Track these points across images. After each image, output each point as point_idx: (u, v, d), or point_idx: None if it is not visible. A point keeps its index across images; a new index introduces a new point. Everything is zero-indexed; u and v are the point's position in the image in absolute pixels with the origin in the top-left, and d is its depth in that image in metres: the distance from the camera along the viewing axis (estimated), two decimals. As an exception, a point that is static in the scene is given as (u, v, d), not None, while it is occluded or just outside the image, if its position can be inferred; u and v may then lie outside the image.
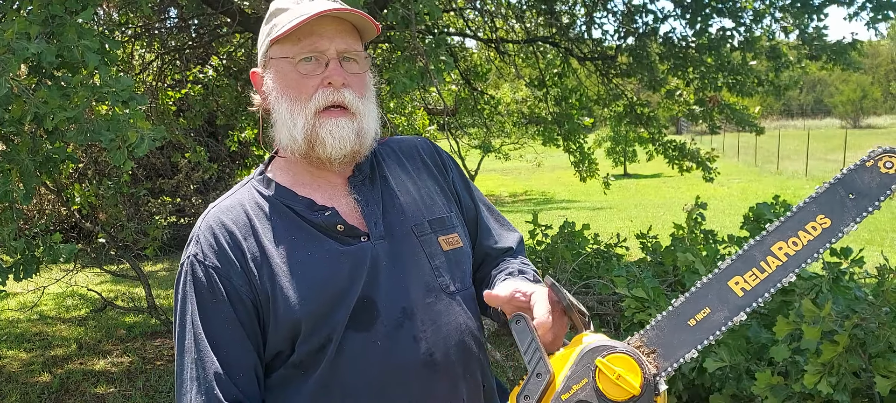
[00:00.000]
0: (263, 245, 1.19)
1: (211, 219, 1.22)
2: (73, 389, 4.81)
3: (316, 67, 1.20)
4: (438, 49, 3.55)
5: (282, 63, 1.21)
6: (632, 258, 5.16)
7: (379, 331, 1.18)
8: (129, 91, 2.52)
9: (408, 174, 1.34)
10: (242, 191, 1.27)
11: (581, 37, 7.32)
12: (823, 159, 20.81)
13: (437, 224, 1.30)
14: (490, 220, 1.44)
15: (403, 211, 1.28)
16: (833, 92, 53.37)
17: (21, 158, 2.64)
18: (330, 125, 1.19)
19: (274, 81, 1.23)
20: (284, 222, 1.21)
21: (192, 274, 1.18)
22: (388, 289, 1.20)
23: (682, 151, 7.33)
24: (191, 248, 1.21)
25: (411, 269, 1.23)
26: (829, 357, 2.19)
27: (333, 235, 1.21)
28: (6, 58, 2.27)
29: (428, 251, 1.26)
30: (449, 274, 1.27)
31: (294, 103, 1.20)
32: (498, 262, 1.39)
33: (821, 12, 5.97)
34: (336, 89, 1.19)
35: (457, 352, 1.24)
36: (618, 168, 23.15)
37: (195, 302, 1.17)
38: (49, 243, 2.98)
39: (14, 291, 7.64)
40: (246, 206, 1.23)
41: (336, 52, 1.20)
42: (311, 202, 1.23)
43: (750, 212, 3.35)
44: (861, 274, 3.10)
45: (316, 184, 1.26)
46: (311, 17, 1.17)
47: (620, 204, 14.95)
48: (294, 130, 1.20)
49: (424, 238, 1.27)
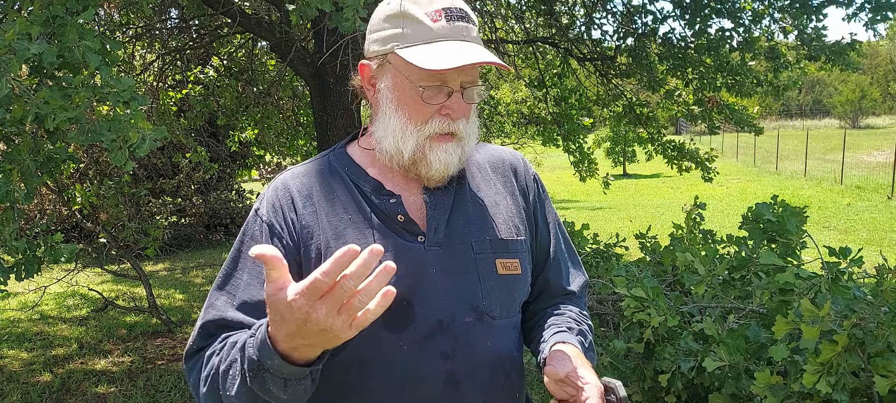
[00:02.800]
0: (320, 217, 1.21)
1: (279, 181, 1.27)
2: (74, 389, 4.82)
3: (437, 94, 1.18)
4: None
5: (401, 77, 1.19)
6: (631, 258, 5.17)
7: (408, 337, 1.16)
8: (130, 91, 2.52)
9: (488, 186, 1.32)
10: (318, 160, 1.31)
11: (580, 37, 7.33)
12: (822, 159, 20.81)
13: (499, 245, 1.27)
14: (563, 254, 1.41)
15: (469, 223, 1.26)
16: (832, 92, 53.39)
17: (22, 158, 2.65)
18: (440, 151, 1.20)
19: (390, 89, 1.21)
20: (348, 199, 1.23)
21: (248, 224, 1.24)
22: (430, 298, 1.18)
23: (681, 151, 7.33)
24: (256, 203, 1.27)
25: (459, 284, 1.21)
26: (828, 356, 2.20)
27: (391, 224, 1.21)
28: (7, 58, 2.28)
29: (482, 270, 1.23)
30: (497, 299, 1.24)
31: (408, 122, 1.19)
32: (555, 302, 1.38)
33: (820, 13, 5.98)
34: (453, 120, 1.19)
35: (487, 379, 1.22)
36: (617, 168, 23.15)
37: (240, 246, 1.22)
38: (50, 243, 2.99)
39: (15, 291, 7.64)
40: (315, 176, 1.27)
41: (460, 83, 1.19)
42: (380, 185, 1.24)
43: (749, 212, 3.36)
44: (860, 274, 3.11)
45: (391, 174, 1.26)
46: (455, 69, 1.14)
47: (620, 204, 14.95)
48: (402, 145, 1.20)
49: (482, 256, 1.24)
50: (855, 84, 48.03)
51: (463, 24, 1.18)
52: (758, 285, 2.91)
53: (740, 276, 3.08)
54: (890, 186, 14.41)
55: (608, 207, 14.36)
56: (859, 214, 11.92)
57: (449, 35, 1.17)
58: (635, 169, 23.88)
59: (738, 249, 3.26)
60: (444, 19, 1.17)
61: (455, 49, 1.15)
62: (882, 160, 19.79)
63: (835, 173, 17.43)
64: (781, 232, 3.16)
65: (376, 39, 1.23)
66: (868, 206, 12.75)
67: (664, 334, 3.02)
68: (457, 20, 1.18)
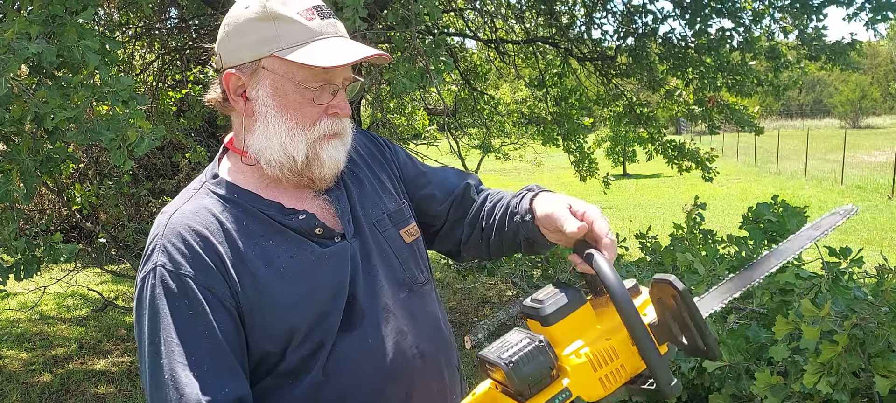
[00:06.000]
0: (241, 250, 1.12)
1: (176, 225, 1.12)
2: (73, 389, 4.81)
3: (321, 94, 1.16)
4: (438, 49, 3.55)
5: (283, 81, 1.14)
6: (631, 258, 5.16)
7: (368, 330, 1.17)
8: (129, 91, 2.52)
9: (357, 169, 1.32)
10: (200, 195, 1.19)
11: (581, 37, 7.32)
12: (823, 159, 20.79)
13: (396, 216, 1.30)
14: (429, 167, 1.44)
15: (364, 207, 1.27)
16: (832, 92, 53.36)
17: (21, 158, 2.65)
18: (330, 149, 1.18)
19: (270, 96, 1.15)
20: (259, 226, 1.16)
21: (162, 286, 1.07)
22: (367, 288, 1.19)
23: (681, 151, 7.32)
24: (155, 258, 1.09)
25: (382, 265, 1.23)
26: (829, 356, 2.19)
27: (312, 238, 1.18)
28: (7, 57, 2.28)
29: (393, 245, 1.26)
30: (415, 266, 1.28)
31: (296, 126, 1.15)
32: (478, 198, 1.40)
33: (820, 13, 5.97)
34: (340, 120, 1.19)
35: (436, 342, 1.26)
36: (617, 168, 23.12)
37: (170, 316, 1.06)
38: (50, 243, 2.98)
39: (15, 291, 7.63)
40: (212, 209, 1.15)
41: (343, 80, 1.18)
42: (280, 205, 1.19)
43: (749, 212, 3.35)
44: (860, 274, 3.10)
45: (281, 188, 1.21)
46: (342, 67, 1.13)
47: (620, 204, 14.95)
48: (293, 151, 1.15)
49: (387, 232, 1.27)
50: (855, 84, 48.00)
51: (333, 20, 1.18)
52: (758, 285, 2.91)
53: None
54: (890, 186, 14.40)
55: (608, 207, 14.35)
56: (859, 214, 11.91)
57: (327, 31, 1.15)
58: (635, 169, 23.86)
59: (738, 249, 3.26)
60: (318, 17, 1.15)
61: (339, 45, 1.14)
62: (882, 160, 19.78)
63: (835, 173, 17.42)
64: (782, 232, 3.15)
65: (243, 46, 1.14)
66: (868, 206, 12.74)
67: (664, 334, 3.01)
68: (328, 17, 1.17)
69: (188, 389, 1.02)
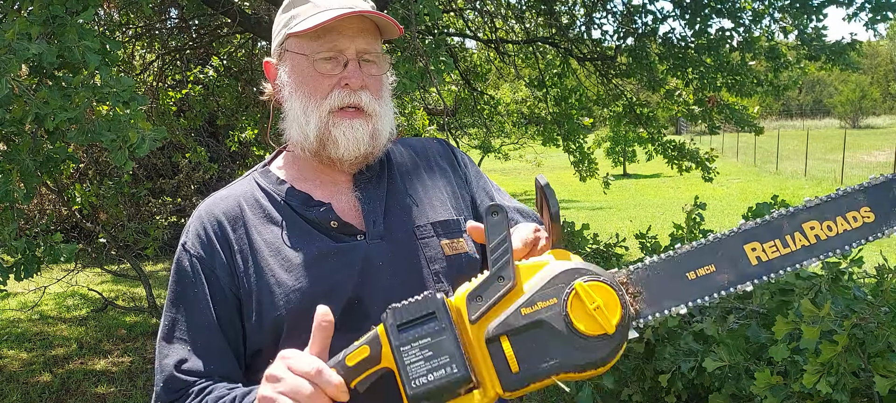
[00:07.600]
0: (252, 238, 1.17)
1: (203, 210, 1.21)
2: (73, 389, 4.82)
3: (334, 67, 1.17)
4: (438, 49, 3.55)
5: (298, 58, 1.19)
6: (631, 258, 5.17)
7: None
8: (129, 91, 2.52)
9: (418, 175, 1.31)
10: (242, 182, 1.26)
11: (580, 37, 7.32)
12: (823, 159, 20.81)
13: (442, 227, 1.25)
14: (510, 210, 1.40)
15: (406, 211, 1.24)
16: (832, 92, 53.39)
17: (22, 158, 2.65)
18: (344, 126, 1.17)
19: (289, 76, 1.20)
20: (279, 216, 1.19)
21: (179, 263, 1.18)
22: (381, 291, 1.16)
23: (681, 151, 7.33)
24: (183, 235, 1.21)
25: (408, 272, 1.19)
26: (829, 356, 2.20)
27: (326, 231, 1.18)
28: (7, 58, 2.28)
29: (428, 254, 1.21)
30: (448, 280, 1.21)
31: (308, 100, 1.18)
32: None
33: (820, 13, 5.97)
34: (353, 91, 1.17)
35: None
36: (617, 168, 23.14)
37: (176, 288, 1.17)
38: (50, 243, 2.98)
39: (15, 291, 7.64)
40: (241, 198, 1.22)
41: (356, 52, 1.18)
42: (308, 197, 1.21)
43: (749, 212, 3.36)
44: (860, 274, 3.11)
45: (318, 180, 1.23)
46: (336, 18, 1.13)
47: (620, 204, 14.95)
48: (306, 128, 1.18)
49: (426, 240, 1.22)
50: (855, 84, 48.02)
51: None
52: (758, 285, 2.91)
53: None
54: (890, 186, 14.39)
55: (608, 207, 14.36)
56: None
57: (335, 4, 1.17)
58: (635, 169, 23.88)
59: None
60: None
61: (338, 5, 1.16)
62: (882, 160, 19.80)
63: (835, 173, 17.43)
64: (781, 232, 3.15)
65: (275, 37, 1.25)
66: (868, 206, 12.73)
67: (664, 334, 3.02)
68: None
69: (173, 357, 1.13)
